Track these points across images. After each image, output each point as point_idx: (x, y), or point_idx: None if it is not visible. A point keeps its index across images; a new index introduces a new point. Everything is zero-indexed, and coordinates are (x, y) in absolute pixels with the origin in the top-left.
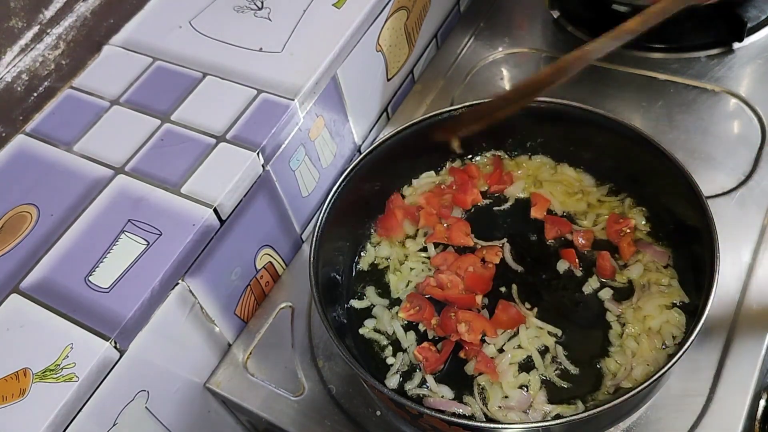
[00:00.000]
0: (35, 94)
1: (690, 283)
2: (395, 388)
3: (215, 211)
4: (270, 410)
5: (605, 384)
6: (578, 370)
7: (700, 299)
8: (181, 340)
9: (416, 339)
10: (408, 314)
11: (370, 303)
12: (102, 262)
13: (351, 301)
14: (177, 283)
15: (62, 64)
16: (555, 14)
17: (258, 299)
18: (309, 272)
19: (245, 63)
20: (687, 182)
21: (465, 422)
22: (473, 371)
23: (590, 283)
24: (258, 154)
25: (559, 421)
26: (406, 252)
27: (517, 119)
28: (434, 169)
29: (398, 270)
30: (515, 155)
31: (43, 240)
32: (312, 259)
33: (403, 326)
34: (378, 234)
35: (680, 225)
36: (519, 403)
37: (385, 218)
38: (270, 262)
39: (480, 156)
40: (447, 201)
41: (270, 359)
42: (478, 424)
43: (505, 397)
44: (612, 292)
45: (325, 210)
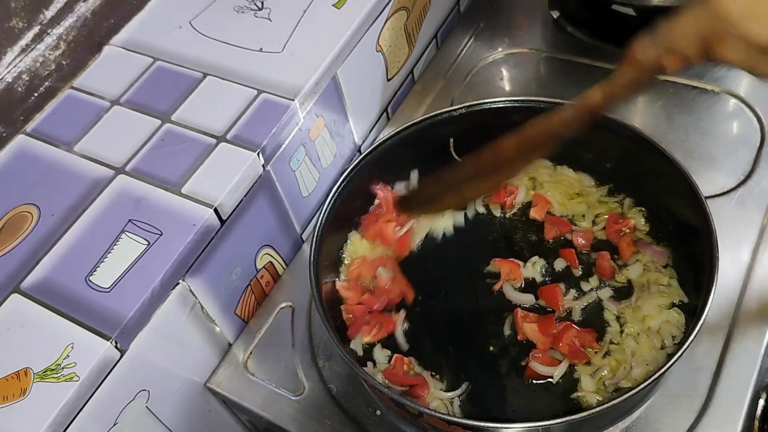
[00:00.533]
0: (36, 95)
1: (689, 283)
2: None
3: (216, 211)
4: (270, 410)
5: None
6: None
7: (700, 299)
8: (182, 340)
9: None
10: (373, 336)
11: None
12: (103, 262)
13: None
14: (177, 283)
15: (63, 65)
16: (555, 14)
17: (258, 299)
18: (309, 272)
19: (245, 63)
20: (686, 182)
21: (465, 422)
22: None
23: (590, 283)
24: (258, 154)
25: (559, 421)
26: None
27: (515, 121)
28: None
29: None
30: None
31: (44, 240)
32: (312, 259)
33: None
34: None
35: (680, 225)
36: None
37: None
38: (270, 262)
39: None
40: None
41: (270, 359)
42: (478, 424)
43: None
44: (612, 292)
45: (326, 210)
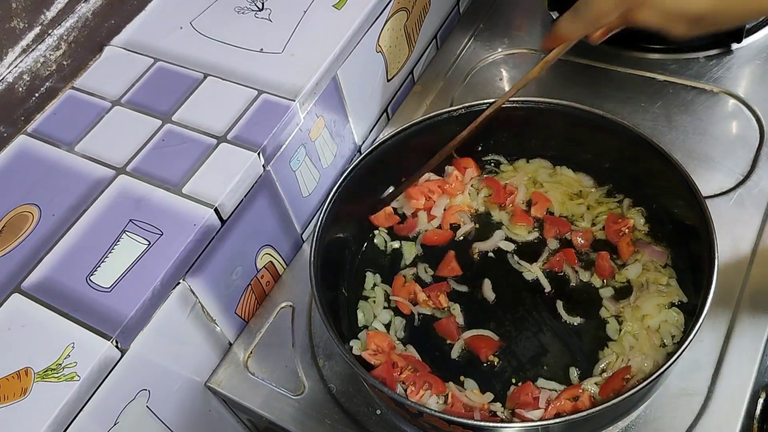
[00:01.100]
0: (37, 95)
1: (688, 283)
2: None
3: (216, 211)
4: (270, 409)
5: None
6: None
7: (699, 299)
8: (182, 340)
9: None
10: (369, 355)
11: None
12: (103, 262)
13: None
14: (178, 283)
15: (63, 65)
16: (554, 15)
17: (259, 299)
18: (309, 272)
19: (246, 64)
20: (686, 182)
21: (465, 421)
22: None
23: (592, 281)
24: (259, 155)
25: (559, 420)
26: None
27: (514, 121)
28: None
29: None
30: (513, 159)
31: (45, 240)
32: (312, 259)
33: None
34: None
35: (679, 225)
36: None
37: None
38: (271, 262)
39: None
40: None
41: (270, 358)
42: (478, 423)
43: None
44: (612, 292)
45: (326, 210)
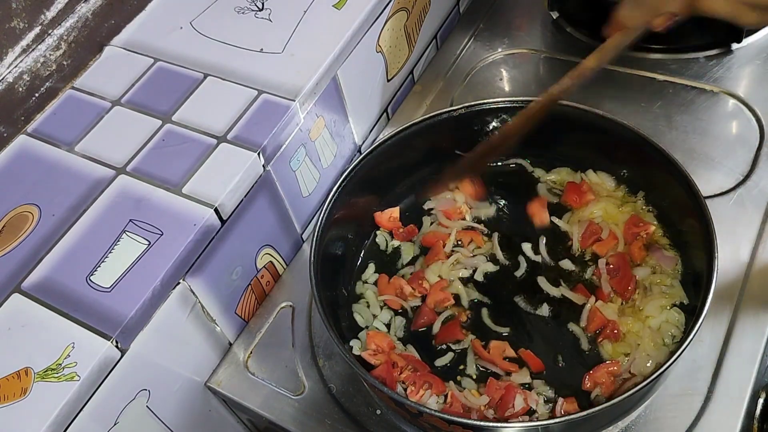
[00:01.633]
0: (37, 95)
1: (689, 283)
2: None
3: (216, 211)
4: (270, 409)
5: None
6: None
7: (699, 299)
8: (182, 340)
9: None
10: (369, 355)
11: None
12: (103, 262)
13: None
14: (178, 283)
15: (64, 65)
16: (554, 15)
17: (259, 299)
18: (309, 272)
19: (246, 64)
20: (686, 182)
21: (464, 421)
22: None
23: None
24: (259, 155)
25: (559, 420)
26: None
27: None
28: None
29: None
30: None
31: (45, 240)
32: (312, 259)
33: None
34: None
35: (679, 225)
36: None
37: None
38: (271, 262)
39: (499, 162)
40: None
41: (270, 358)
42: (478, 423)
43: None
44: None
45: (326, 210)
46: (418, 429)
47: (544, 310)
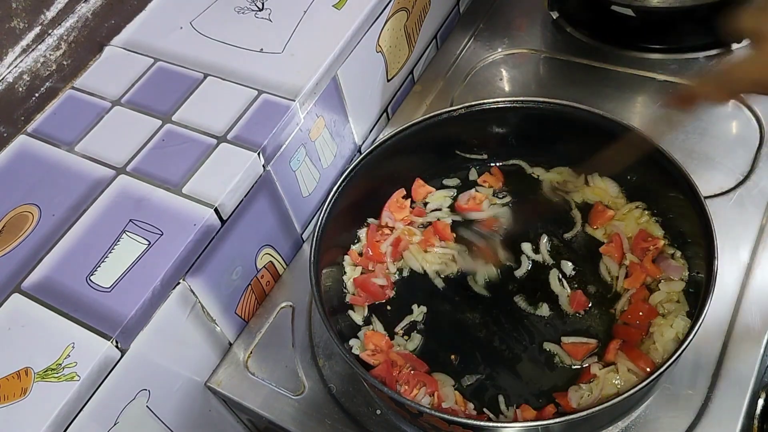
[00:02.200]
0: (37, 95)
1: (691, 283)
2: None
3: (216, 211)
4: (270, 409)
5: None
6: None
7: (699, 299)
8: (182, 340)
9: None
10: (368, 356)
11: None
12: (103, 262)
13: (349, 311)
14: (178, 283)
15: (64, 65)
16: (554, 15)
17: (259, 299)
18: (309, 272)
19: (246, 64)
20: (686, 182)
21: (464, 421)
22: None
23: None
24: (259, 155)
25: (558, 420)
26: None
27: (516, 122)
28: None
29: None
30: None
31: (45, 240)
32: (312, 259)
33: None
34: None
35: (680, 227)
36: None
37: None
38: (271, 262)
39: (498, 163)
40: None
41: (270, 358)
42: (478, 423)
43: None
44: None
45: (326, 210)
46: (418, 429)
47: (544, 310)
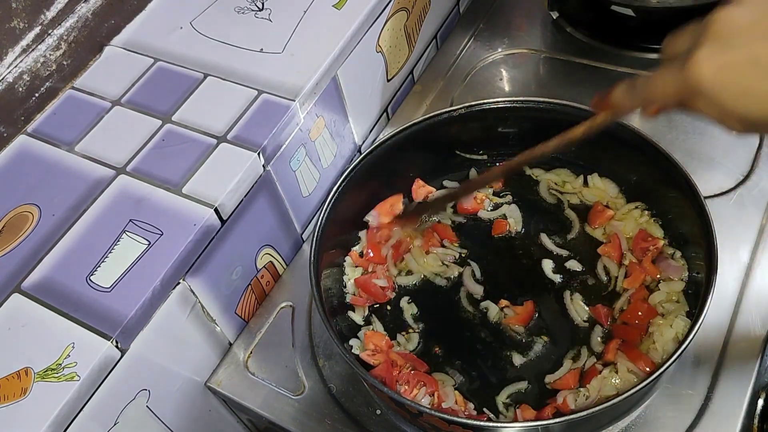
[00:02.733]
0: (37, 95)
1: (691, 283)
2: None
3: (216, 211)
4: (270, 409)
5: None
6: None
7: (699, 299)
8: (182, 340)
9: None
10: (368, 356)
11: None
12: (103, 262)
13: (349, 312)
14: (178, 283)
15: (63, 65)
16: (554, 15)
17: (259, 299)
18: (309, 272)
19: (246, 64)
20: (686, 182)
21: (464, 421)
22: None
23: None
24: (259, 155)
25: (558, 420)
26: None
27: (516, 122)
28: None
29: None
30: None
31: (45, 240)
32: (312, 259)
33: None
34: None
35: (680, 227)
36: None
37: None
38: (271, 262)
39: (498, 163)
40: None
41: (270, 358)
42: (478, 423)
43: None
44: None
45: (326, 210)
46: (418, 429)
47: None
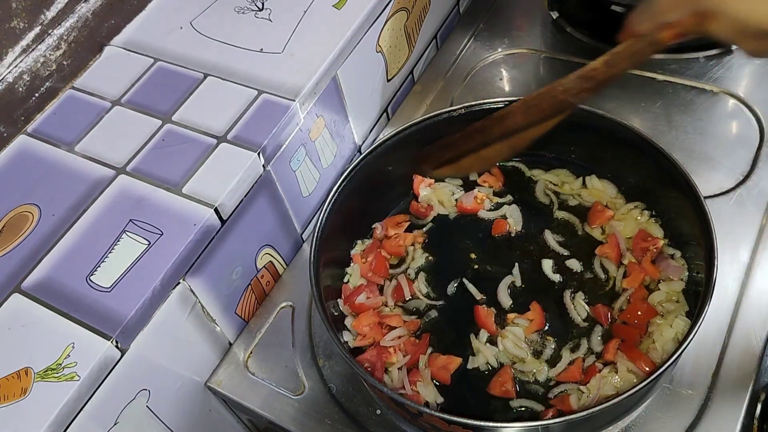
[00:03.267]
0: (37, 95)
1: (690, 283)
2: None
3: (216, 211)
4: (270, 409)
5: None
6: None
7: (699, 299)
8: (182, 340)
9: None
10: (360, 341)
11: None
12: (103, 262)
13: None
14: (178, 283)
15: (64, 65)
16: (554, 15)
17: (259, 299)
18: (309, 272)
19: (246, 64)
20: (686, 182)
21: (464, 421)
22: None
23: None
24: (259, 155)
25: (558, 420)
26: None
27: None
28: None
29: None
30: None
31: (45, 240)
32: (312, 259)
33: None
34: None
35: (679, 225)
36: None
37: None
38: (271, 262)
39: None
40: None
41: (270, 358)
42: (478, 423)
43: None
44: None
45: (326, 210)
46: (418, 429)
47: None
